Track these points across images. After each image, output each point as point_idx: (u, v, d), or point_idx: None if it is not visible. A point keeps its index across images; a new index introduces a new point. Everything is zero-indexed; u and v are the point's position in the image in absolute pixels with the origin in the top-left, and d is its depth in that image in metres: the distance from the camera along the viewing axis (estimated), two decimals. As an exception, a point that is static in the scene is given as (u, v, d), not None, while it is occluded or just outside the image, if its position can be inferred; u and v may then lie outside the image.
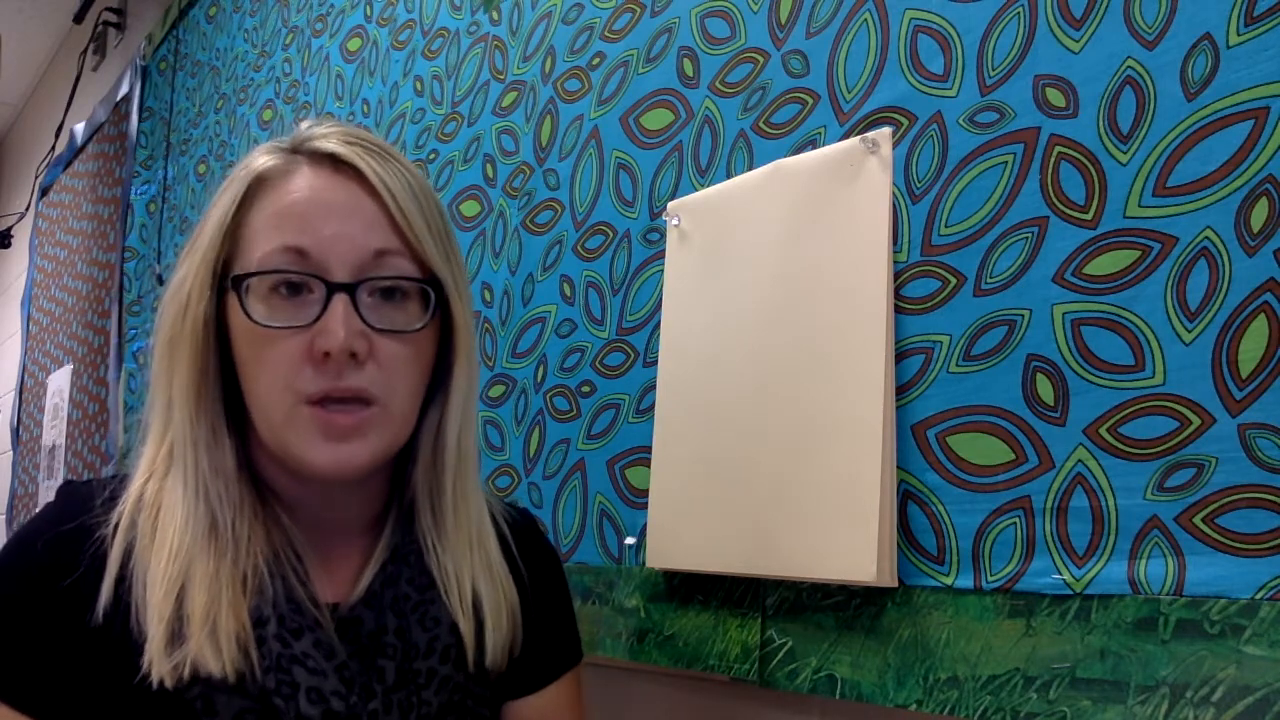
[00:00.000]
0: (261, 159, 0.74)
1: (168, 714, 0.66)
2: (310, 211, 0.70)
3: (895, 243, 0.79)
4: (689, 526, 0.90)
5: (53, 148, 3.44)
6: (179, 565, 0.68)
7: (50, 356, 3.15)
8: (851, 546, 0.76)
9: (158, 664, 0.66)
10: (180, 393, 0.72)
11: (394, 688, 0.73)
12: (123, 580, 0.68)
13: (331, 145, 0.72)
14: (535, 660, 0.82)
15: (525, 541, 0.84)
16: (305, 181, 0.71)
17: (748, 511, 0.84)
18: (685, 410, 0.92)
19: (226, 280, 0.72)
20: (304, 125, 0.76)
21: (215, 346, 0.72)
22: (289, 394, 0.69)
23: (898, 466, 0.76)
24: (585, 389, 1.07)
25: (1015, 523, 0.69)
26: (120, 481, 0.74)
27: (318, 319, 0.69)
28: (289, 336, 0.69)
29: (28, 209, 3.76)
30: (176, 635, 0.66)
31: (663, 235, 0.98)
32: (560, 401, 1.10)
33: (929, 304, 0.76)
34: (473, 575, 0.77)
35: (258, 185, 0.72)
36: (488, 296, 1.23)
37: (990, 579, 0.70)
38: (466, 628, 0.76)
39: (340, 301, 0.69)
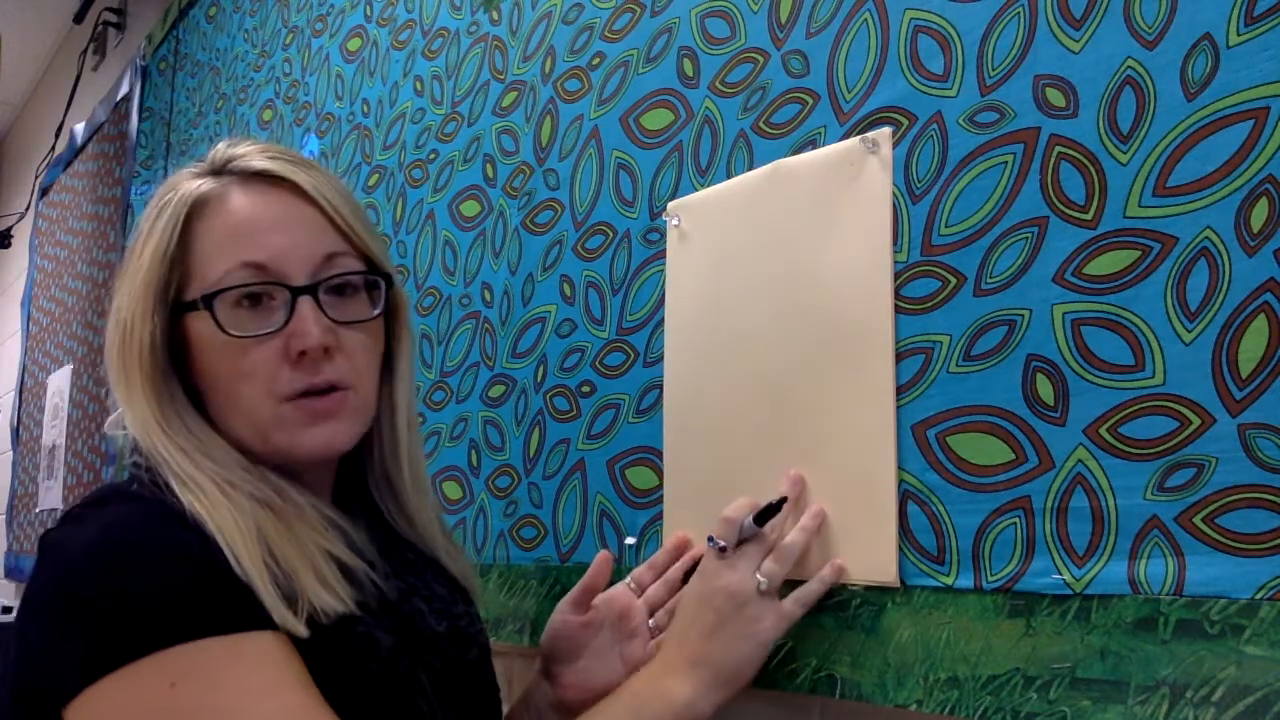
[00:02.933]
0: (189, 184, 0.77)
1: (331, 652, 0.68)
2: (258, 227, 0.75)
3: (895, 243, 0.79)
4: (704, 529, 0.90)
5: (53, 148, 3.44)
6: (253, 533, 0.69)
7: (50, 356, 3.15)
8: (869, 548, 0.76)
9: (281, 615, 0.66)
10: (148, 417, 0.74)
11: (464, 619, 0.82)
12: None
13: (259, 163, 0.77)
14: None
15: None
16: (244, 200, 0.76)
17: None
18: (694, 411, 0.92)
19: (179, 304, 0.75)
20: (221, 147, 0.80)
21: (170, 367, 0.75)
22: (270, 398, 0.74)
23: (898, 466, 0.76)
24: (585, 389, 1.07)
25: (1015, 523, 0.69)
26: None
27: (286, 323, 0.74)
28: (262, 344, 0.74)
29: (28, 209, 3.76)
30: (284, 589, 0.68)
31: (663, 235, 0.98)
32: (560, 401, 1.10)
33: (929, 304, 0.76)
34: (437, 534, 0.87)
35: (195, 210, 0.76)
36: (488, 296, 1.23)
37: (990, 579, 0.70)
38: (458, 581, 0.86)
39: (305, 303, 0.75)
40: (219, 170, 0.78)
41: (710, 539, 0.78)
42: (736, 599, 0.76)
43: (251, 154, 0.78)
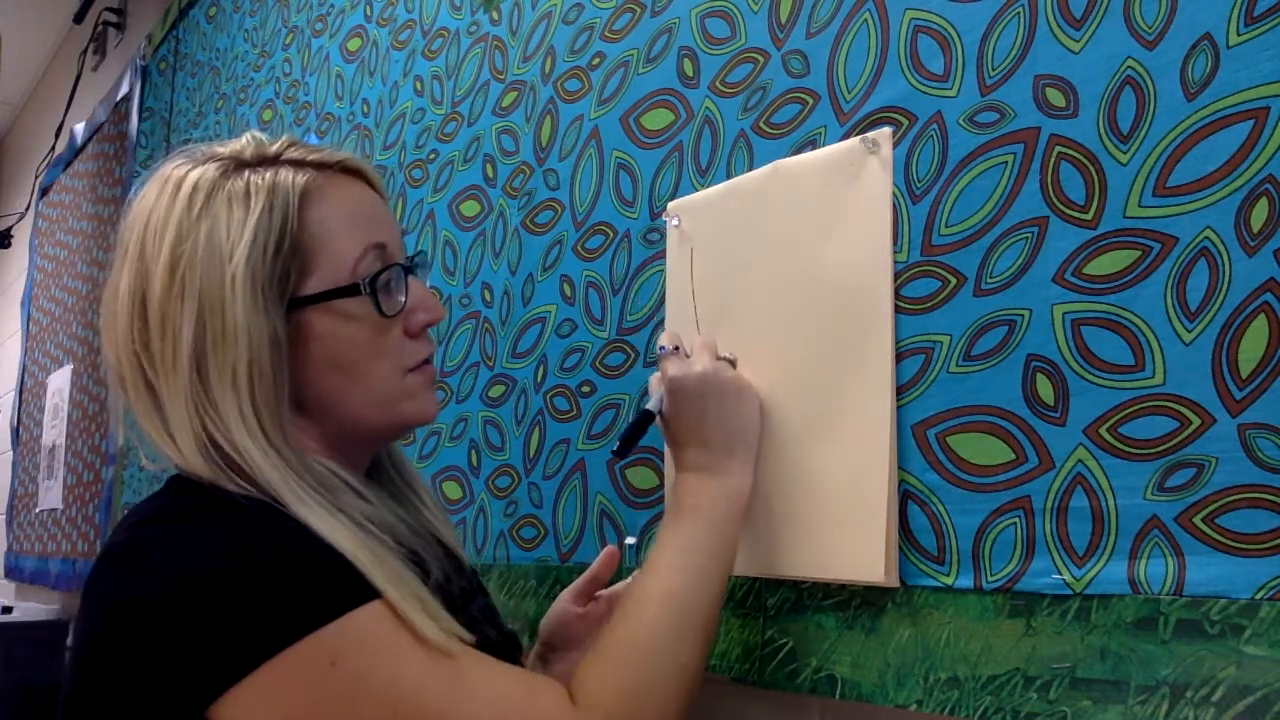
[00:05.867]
0: (283, 175, 0.74)
1: None
2: (374, 213, 0.78)
3: (895, 243, 0.79)
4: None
5: (53, 148, 3.44)
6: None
7: (50, 356, 3.15)
8: (859, 547, 0.76)
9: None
10: (255, 426, 0.71)
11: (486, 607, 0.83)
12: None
13: (356, 160, 0.79)
14: None
15: None
16: (343, 187, 0.77)
17: (755, 512, 0.84)
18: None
19: (298, 298, 0.73)
20: (280, 141, 0.77)
21: (285, 366, 0.73)
22: (399, 371, 0.77)
23: (898, 467, 0.76)
24: (585, 389, 1.07)
25: (1015, 523, 0.69)
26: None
27: (406, 299, 0.77)
28: (396, 321, 0.76)
29: (28, 209, 3.76)
30: None
31: (663, 235, 0.98)
32: (560, 401, 1.10)
33: (929, 304, 0.76)
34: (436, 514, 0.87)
35: (304, 203, 0.74)
36: (488, 296, 1.23)
37: (990, 579, 0.70)
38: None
39: (415, 280, 0.79)
40: (273, 160, 0.76)
41: (661, 348, 0.83)
42: (716, 377, 0.81)
43: (331, 150, 0.78)
